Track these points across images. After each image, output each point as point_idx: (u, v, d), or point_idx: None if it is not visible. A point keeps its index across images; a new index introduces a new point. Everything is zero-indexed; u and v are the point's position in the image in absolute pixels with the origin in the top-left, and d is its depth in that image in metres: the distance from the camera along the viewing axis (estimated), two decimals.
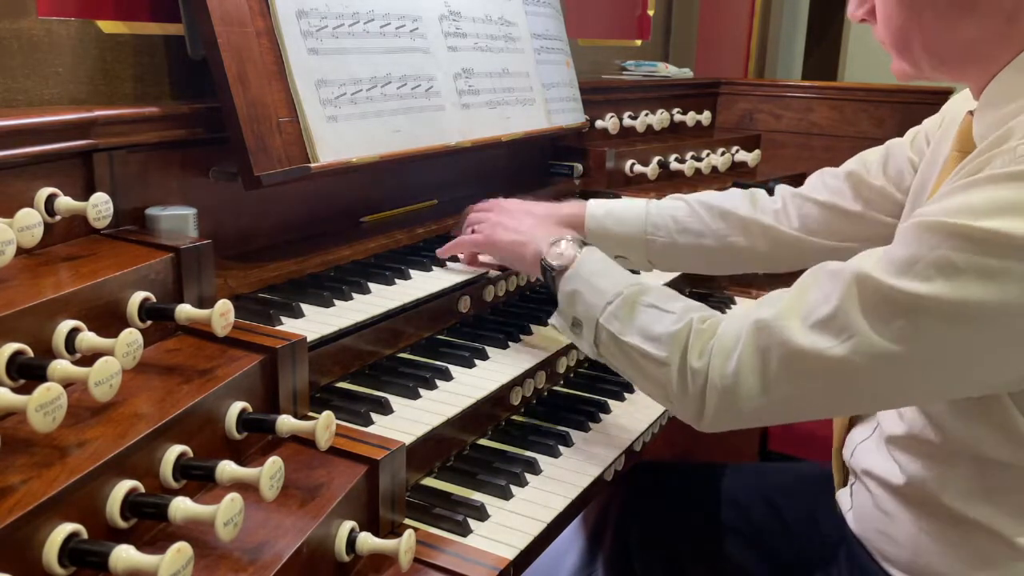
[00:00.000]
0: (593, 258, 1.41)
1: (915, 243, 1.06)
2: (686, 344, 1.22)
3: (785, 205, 1.75)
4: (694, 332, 1.22)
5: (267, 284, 1.50)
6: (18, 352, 0.91)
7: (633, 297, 1.31)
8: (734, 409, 1.18)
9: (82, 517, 0.84)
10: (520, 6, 2.15)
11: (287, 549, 0.94)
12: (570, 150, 2.42)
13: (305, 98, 1.50)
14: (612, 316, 1.32)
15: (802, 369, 1.12)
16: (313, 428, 1.08)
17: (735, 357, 1.16)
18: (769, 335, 1.14)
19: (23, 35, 1.31)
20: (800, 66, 5.80)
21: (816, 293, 1.13)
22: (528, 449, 1.47)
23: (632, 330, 1.29)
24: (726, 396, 1.17)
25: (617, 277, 1.37)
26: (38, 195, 1.15)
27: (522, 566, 1.21)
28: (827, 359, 1.09)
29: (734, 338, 1.18)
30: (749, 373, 1.15)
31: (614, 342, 1.31)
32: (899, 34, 1.20)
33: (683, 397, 1.22)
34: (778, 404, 1.16)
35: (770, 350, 1.14)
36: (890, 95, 2.97)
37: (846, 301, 1.09)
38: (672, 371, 1.22)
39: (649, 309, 1.29)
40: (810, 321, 1.11)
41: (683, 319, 1.25)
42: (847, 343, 1.08)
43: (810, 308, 1.12)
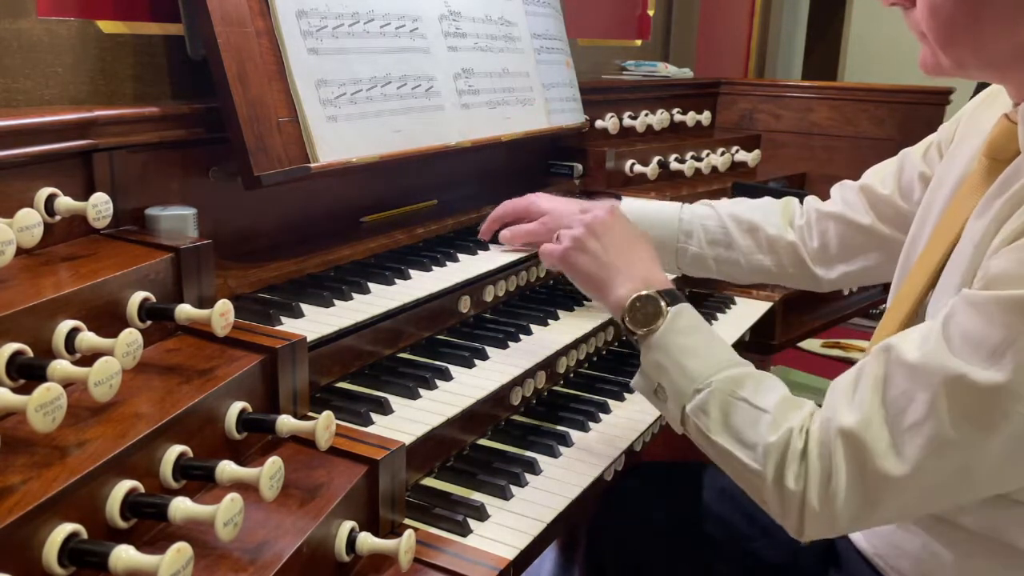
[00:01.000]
0: (680, 326, 1.28)
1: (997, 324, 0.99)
2: (783, 461, 1.13)
3: (809, 221, 1.74)
4: (791, 451, 1.13)
5: (267, 284, 1.50)
6: (18, 352, 0.91)
7: (725, 390, 1.21)
8: (834, 526, 1.13)
9: (82, 517, 0.84)
10: (520, 6, 2.15)
11: (287, 549, 0.94)
12: (570, 150, 2.42)
13: (305, 98, 1.50)
14: (700, 409, 1.21)
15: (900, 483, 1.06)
16: (313, 428, 1.08)
17: (833, 483, 1.10)
18: (860, 447, 1.08)
19: (23, 35, 1.31)
20: (800, 66, 5.81)
21: (896, 391, 1.07)
22: (528, 449, 1.47)
23: (724, 431, 1.19)
24: (826, 519, 1.12)
25: (706, 357, 1.25)
26: (38, 195, 1.15)
27: (522, 566, 1.21)
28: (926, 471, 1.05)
29: (827, 458, 1.11)
30: (847, 495, 1.09)
31: (703, 436, 1.23)
32: (949, 29, 1.12)
33: (780, 512, 1.16)
34: (880, 520, 1.15)
35: (865, 466, 1.08)
36: (890, 95, 2.96)
37: (937, 408, 1.02)
38: (767, 484, 1.15)
39: (741, 405, 1.19)
40: (902, 427, 1.05)
41: (780, 427, 1.15)
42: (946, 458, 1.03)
43: (896, 411, 1.06)
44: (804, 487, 1.12)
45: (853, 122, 3.01)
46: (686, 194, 2.48)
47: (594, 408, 1.62)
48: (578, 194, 2.32)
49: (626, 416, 1.63)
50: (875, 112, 2.97)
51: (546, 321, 1.73)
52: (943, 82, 3.02)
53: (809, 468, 1.12)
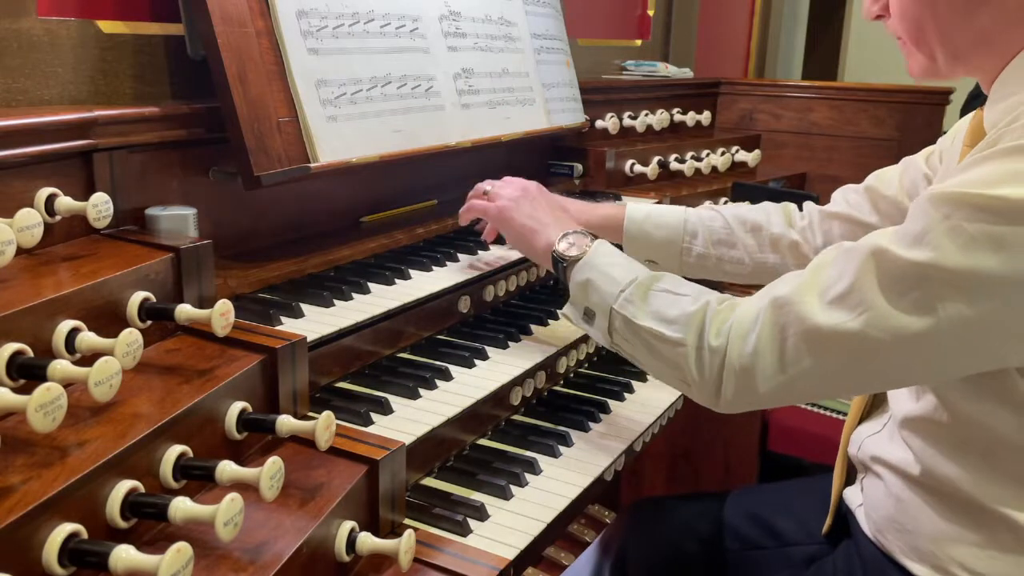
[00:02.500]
0: (605, 249, 1.43)
1: (927, 215, 1.07)
2: (703, 324, 1.22)
3: (811, 222, 1.77)
4: (711, 312, 1.23)
5: (267, 284, 1.50)
6: (18, 352, 0.91)
7: (647, 283, 1.33)
8: (752, 388, 1.18)
9: (82, 517, 0.84)
10: (520, 6, 2.15)
11: (287, 549, 0.94)
12: (570, 150, 2.42)
13: (305, 98, 1.50)
14: (626, 302, 1.32)
15: (820, 345, 1.12)
16: (313, 428, 1.08)
17: (753, 336, 1.17)
18: (787, 312, 1.15)
19: (23, 35, 1.31)
20: (800, 66, 5.81)
21: (832, 270, 1.14)
22: (528, 449, 1.47)
23: (646, 314, 1.29)
24: (744, 375, 1.18)
25: (629, 266, 1.39)
26: (38, 195, 1.15)
27: (522, 566, 1.21)
28: (844, 334, 1.10)
29: (752, 317, 1.18)
30: (767, 351, 1.16)
31: (628, 327, 1.32)
32: (914, 26, 1.22)
33: (700, 378, 1.23)
34: (796, 382, 1.16)
35: (788, 327, 1.14)
36: (890, 95, 2.97)
37: (862, 276, 1.10)
38: (689, 351, 1.23)
39: (663, 294, 1.30)
40: (827, 297, 1.12)
41: (699, 300, 1.26)
42: (863, 316, 1.09)
43: (827, 284, 1.13)
44: (726, 342, 1.20)
45: (853, 122, 3.01)
46: (686, 194, 2.48)
47: (594, 408, 1.62)
48: (577, 194, 2.33)
49: (626, 416, 1.63)
50: (875, 112, 2.97)
51: (546, 321, 1.73)
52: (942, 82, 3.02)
53: (732, 326, 1.20)
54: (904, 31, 1.24)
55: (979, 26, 1.17)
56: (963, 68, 1.24)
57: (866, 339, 1.09)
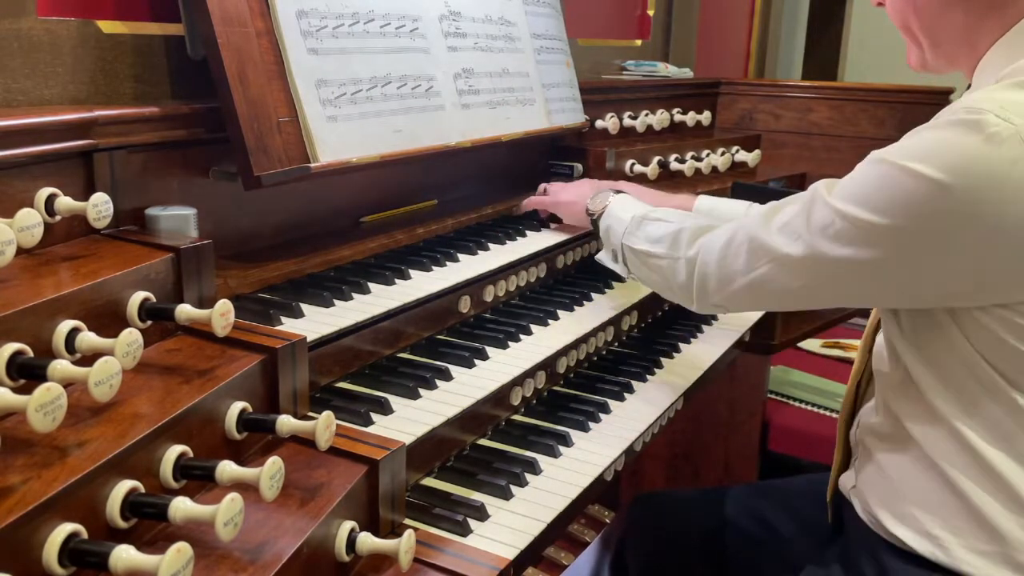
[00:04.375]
0: (621, 199, 1.76)
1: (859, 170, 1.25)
2: (679, 239, 1.51)
3: None
4: (690, 229, 1.51)
5: (267, 284, 1.50)
6: (18, 352, 0.91)
7: (643, 215, 1.64)
8: (716, 293, 1.44)
9: (82, 517, 0.84)
10: (520, 6, 2.15)
11: (287, 549, 0.94)
12: (570, 150, 2.41)
13: (305, 98, 1.50)
14: (628, 234, 1.64)
15: (759, 258, 1.35)
16: (313, 428, 1.08)
17: (717, 248, 1.42)
18: (745, 232, 1.38)
19: (23, 35, 1.31)
20: (800, 66, 5.80)
21: (791, 206, 1.34)
22: (528, 449, 1.47)
23: (641, 239, 1.61)
24: (709, 281, 1.44)
25: (636, 207, 1.70)
26: (38, 195, 1.15)
27: (522, 566, 1.21)
28: (779, 253, 1.32)
29: (718, 235, 1.44)
30: (727, 262, 1.40)
31: (632, 253, 1.63)
32: (900, 18, 1.34)
33: (678, 283, 1.51)
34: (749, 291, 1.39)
35: (743, 244, 1.38)
36: (890, 95, 2.96)
37: (802, 212, 1.30)
38: (670, 262, 1.52)
39: (655, 222, 1.61)
40: (776, 224, 1.34)
41: (681, 223, 1.55)
42: (796, 242, 1.30)
43: (781, 216, 1.34)
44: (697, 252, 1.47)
45: (853, 122, 3.01)
46: (687, 194, 2.48)
47: (594, 408, 1.62)
48: None
49: (626, 416, 1.63)
50: (875, 112, 2.97)
51: (546, 321, 1.73)
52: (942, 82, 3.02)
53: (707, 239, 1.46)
54: (896, 22, 1.35)
55: (956, 20, 1.26)
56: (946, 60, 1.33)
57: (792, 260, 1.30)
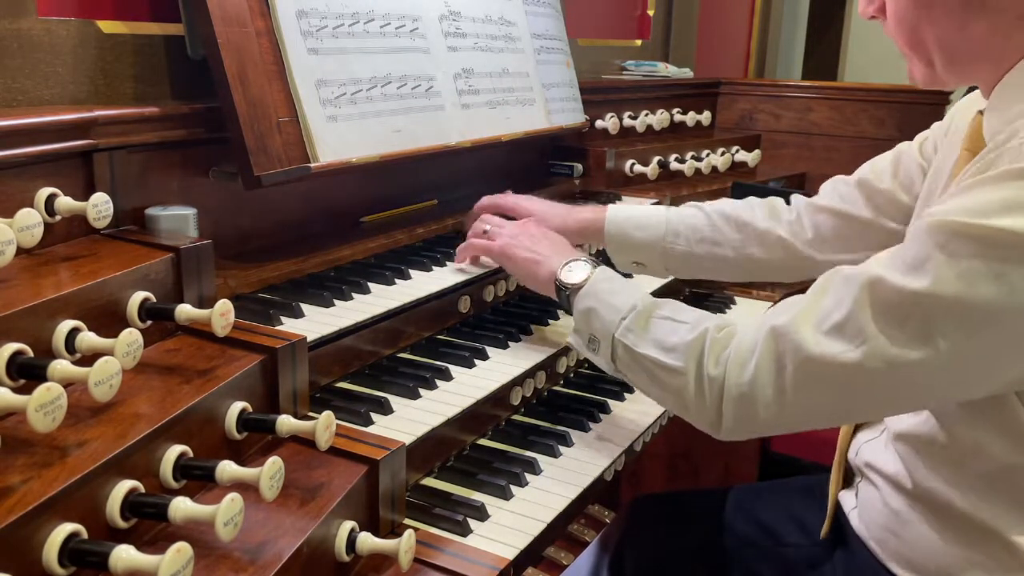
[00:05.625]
0: (606, 276, 1.43)
1: (924, 243, 1.06)
2: (702, 353, 1.22)
3: (800, 216, 1.75)
4: (710, 341, 1.22)
5: (267, 284, 1.50)
6: (18, 352, 0.91)
7: (647, 310, 1.32)
8: (750, 417, 1.18)
9: (82, 517, 0.84)
10: (520, 6, 2.15)
11: (287, 549, 0.94)
12: (570, 150, 2.41)
13: (305, 98, 1.50)
14: (627, 330, 1.32)
15: (816, 375, 1.12)
16: (313, 428, 1.08)
17: (751, 365, 1.16)
18: (784, 341, 1.14)
19: (23, 35, 1.31)
20: (800, 66, 5.81)
21: (830, 298, 1.13)
22: (528, 449, 1.47)
23: (647, 342, 1.29)
24: (743, 404, 1.17)
25: (630, 293, 1.38)
26: (38, 195, 1.15)
27: (522, 566, 1.21)
28: (840, 365, 1.09)
29: (750, 346, 1.17)
30: (765, 382, 1.15)
31: (630, 355, 1.32)
32: (911, 33, 1.20)
33: (700, 407, 1.22)
34: (794, 411, 1.16)
35: (785, 356, 1.14)
36: (890, 95, 2.97)
37: (858, 305, 1.09)
38: (688, 380, 1.23)
39: (663, 321, 1.30)
40: (824, 327, 1.11)
41: (697, 328, 1.25)
42: (860, 348, 1.08)
43: (824, 314, 1.13)
44: (724, 372, 1.19)
45: (853, 122, 3.01)
46: (686, 194, 2.48)
47: (594, 408, 1.62)
48: (577, 194, 2.33)
49: (626, 416, 1.63)
50: (875, 112, 2.97)
51: (546, 321, 1.73)
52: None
53: (731, 355, 1.19)
54: (901, 36, 1.23)
55: (976, 34, 1.15)
56: (961, 75, 1.23)
57: (863, 370, 1.08)
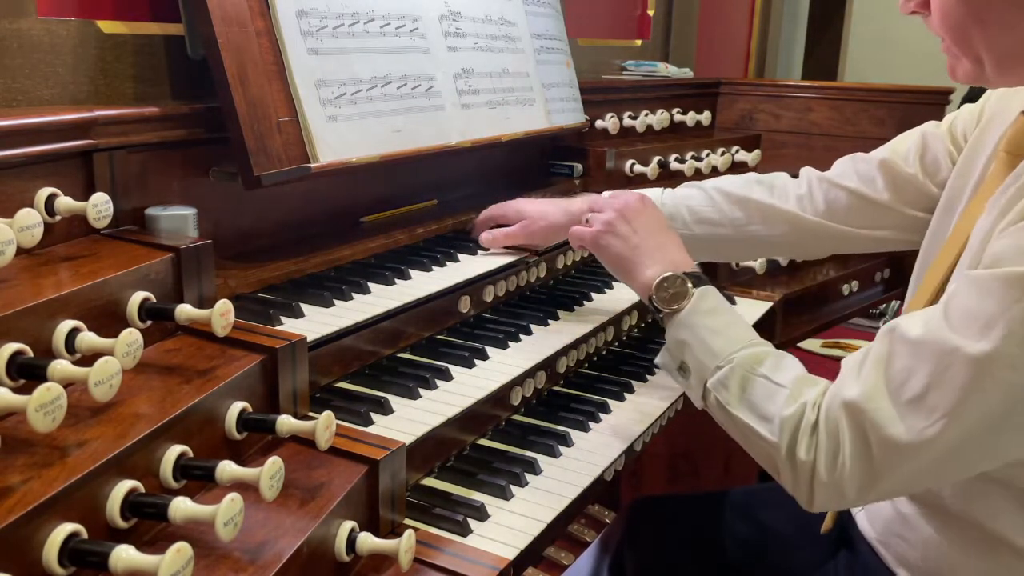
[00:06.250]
0: (704, 306, 1.34)
1: (996, 296, 1.03)
2: (796, 433, 1.19)
3: (811, 190, 1.70)
4: (804, 424, 1.19)
5: (267, 284, 1.50)
6: (18, 352, 0.91)
7: (745, 366, 1.27)
8: (842, 497, 1.17)
9: (82, 517, 0.84)
10: (520, 6, 2.15)
11: (287, 549, 0.94)
12: (570, 150, 2.41)
13: (305, 98, 1.50)
14: (721, 385, 1.28)
15: (903, 455, 1.10)
16: (313, 428, 1.08)
17: (841, 455, 1.14)
18: (864, 422, 1.12)
19: (23, 35, 1.31)
20: (800, 66, 5.81)
21: (899, 367, 1.11)
22: (528, 449, 1.47)
23: (741, 403, 1.25)
24: (835, 488, 1.16)
25: (729, 335, 1.32)
26: (38, 195, 1.15)
27: (522, 566, 1.21)
28: (926, 442, 1.08)
29: (834, 430, 1.15)
30: (854, 468, 1.14)
31: (722, 410, 1.29)
32: (959, 31, 1.17)
33: (792, 482, 1.21)
34: (882, 491, 1.17)
35: (870, 438, 1.12)
36: (890, 95, 2.96)
37: (935, 377, 1.07)
38: (781, 455, 1.20)
39: (761, 381, 1.25)
40: (901, 399, 1.10)
41: (796, 400, 1.21)
42: (942, 421, 1.06)
43: (897, 384, 1.11)
44: (814, 458, 1.17)
45: (853, 122, 3.01)
46: None
47: (594, 408, 1.62)
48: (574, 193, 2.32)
49: (626, 416, 1.63)
50: (875, 112, 2.97)
51: (546, 321, 1.73)
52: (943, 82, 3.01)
53: (819, 440, 1.17)
54: (947, 35, 1.19)
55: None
56: (1011, 76, 1.19)
57: (949, 441, 1.07)
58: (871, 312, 2.99)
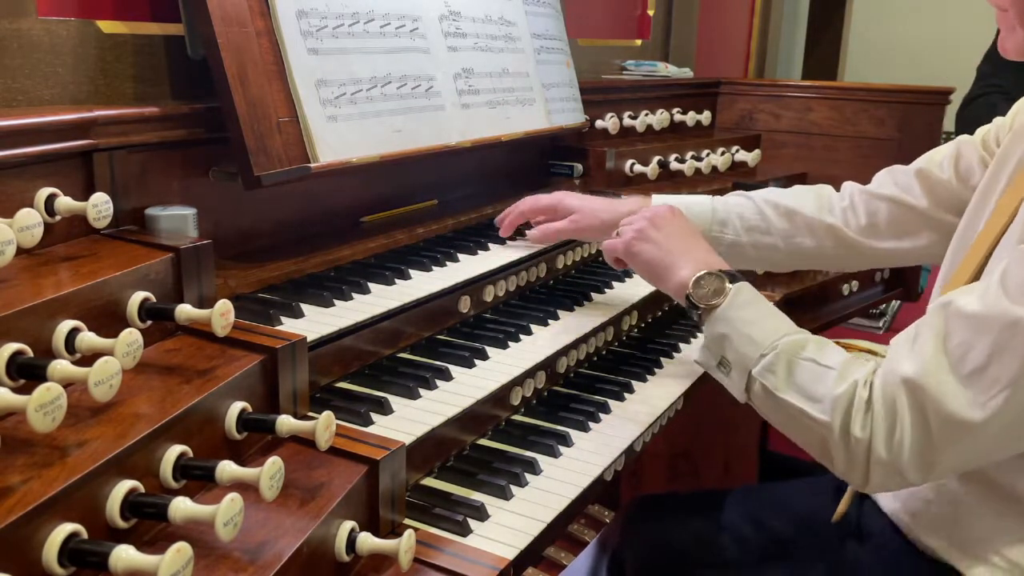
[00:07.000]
0: (742, 300, 1.35)
1: None
2: (849, 411, 1.19)
3: (853, 203, 1.73)
4: (858, 399, 1.19)
5: (267, 284, 1.50)
6: (18, 352, 0.91)
7: (790, 352, 1.27)
8: (901, 475, 1.17)
9: (82, 517, 0.84)
10: (520, 6, 2.15)
11: (287, 549, 0.94)
12: (570, 150, 2.42)
13: (305, 98, 1.50)
14: (766, 371, 1.28)
15: (965, 432, 1.10)
16: (313, 428, 1.08)
17: (898, 431, 1.14)
18: (925, 399, 1.12)
19: (23, 35, 1.31)
20: (800, 66, 5.81)
21: (957, 339, 1.11)
22: (528, 449, 1.46)
23: (789, 386, 1.25)
24: (892, 467, 1.16)
25: (769, 325, 1.33)
26: (38, 195, 1.15)
27: (522, 566, 1.21)
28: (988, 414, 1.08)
29: (891, 406, 1.15)
30: (914, 444, 1.13)
31: (769, 397, 1.28)
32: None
33: (847, 462, 1.21)
34: (945, 464, 1.16)
35: (929, 416, 1.12)
36: (890, 95, 2.96)
37: (998, 350, 1.07)
38: (835, 435, 1.20)
39: (807, 363, 1.26)
40: (963, 373, 1.10)
41: (846, 379, 1.21)
42: (1005, 392, 1.07)
43: (957, 358, 1.11)
44: (870, 435, 1.17)
45: (853, 122, 3.01)
46: (687, 194, 2.48)
47: (594, 408, 1.62)
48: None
49: (626, 416, 1.63)
50: (875, 112, 2.97)
51: (546, 321, 1.73)
52: (943, 82, 3.01)
53: (874, 417, 1.17)
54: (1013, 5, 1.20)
55: None
56: None
57: (1011, 413, 1.08)
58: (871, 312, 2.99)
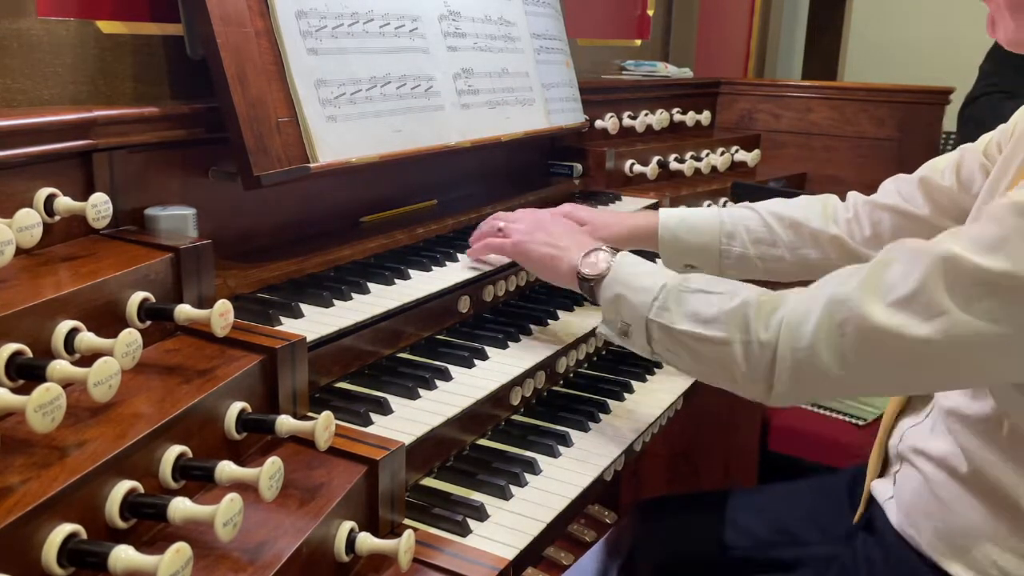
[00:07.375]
0: (629, 260, 1.41)
1: (1004, 222, 1.04)
2: (746, 319, 1.21)
3: (857, 214, 1.74)
4: (755, 305, 1.21)
5: (267, 284, 1.50)
6: (17, 352, 0.91)
7: (678, 287, 1.31)
8: (807, 383, 1.17)
9: (81, 517, 0.84)
10: (520, 6, 2.15)
11: (287, 549, 0.94)
12: (570, 150, 2.42)
13: (304, 98, 1.50)
14: (660, 309, 1.30)
15: (881, 346, 1.11)
16: (313, 428, 1.08)
17: (808, 330, 1.15)
18: (846, 309, 1.12)
19: (23, 35, 1.31)
20: (800, 66, 5.80)
21: (896, 270, 1.11)
22: (528, 449, 1.47)
23: (683, 318, 1.28)
24: (799, 370, 1.16)
25: (656, 273, 1.37)
26: (37, 195, 1.15)
27: (522, 566, 1.21)
28: (908, 338, 1.08)
29: (805, 311, 1.16)
30: (825, 348, 1.14)
31: (667, 335, 1.30)
32: None
33: (750, 373, 1.21)
34: (852, 380, 1.16)
35: (847, 324, 1.12)
36: (890, 95, 2.97)
37: (931, 280, 1.07)
38: (735, 348, 1.21)
39: (697, 294, 1.28)
40: (891, 298, 1.10)
41: (737, 296, 1.24)
42: (931, 322, 1.07)
43: (890, 284, 1.11)
44: (776, 337, 1.18)
45: (853, 122, 3.01)
46: (686, 194, 2.48)
47: (594, 408, 1.62)
48: (576, 195, 2.33)
49: (626, 416, 1.63)
50: (875, 112, 2.97)
51: (546, 321, 1.73)
52: (943, 82, 3.01)
53: (784, 318, 1.18)
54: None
55: None
56: None
57: (931, 344, 1.07)
58: None
